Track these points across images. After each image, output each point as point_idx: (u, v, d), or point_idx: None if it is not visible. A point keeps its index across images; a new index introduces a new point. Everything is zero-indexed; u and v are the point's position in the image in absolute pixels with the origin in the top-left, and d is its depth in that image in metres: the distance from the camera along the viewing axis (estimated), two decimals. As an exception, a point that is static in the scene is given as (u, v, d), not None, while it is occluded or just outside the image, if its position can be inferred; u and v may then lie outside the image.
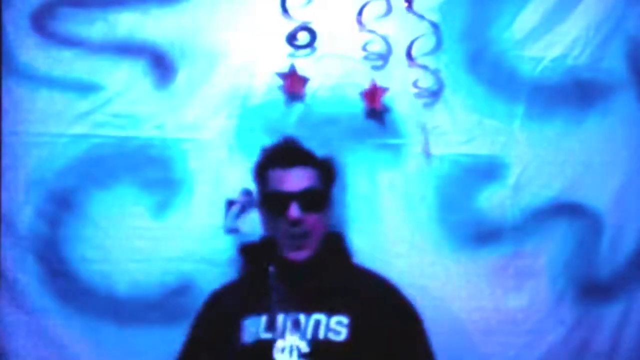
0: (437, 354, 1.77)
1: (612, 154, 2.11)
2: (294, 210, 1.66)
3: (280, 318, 1.66)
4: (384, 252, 2.03)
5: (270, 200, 1.73)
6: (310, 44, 2.06)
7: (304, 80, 2.05)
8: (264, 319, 1.67)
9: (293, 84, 2.05)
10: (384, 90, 2.05)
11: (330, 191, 1.80)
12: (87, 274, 2.01)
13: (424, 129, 2.07)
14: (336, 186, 1.87)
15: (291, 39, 2.05)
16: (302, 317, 1.65)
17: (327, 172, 1.79)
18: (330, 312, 1.65)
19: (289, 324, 1.65)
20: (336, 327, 1.64)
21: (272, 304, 1.67)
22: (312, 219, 1.69)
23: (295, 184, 1.69)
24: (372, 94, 2.05)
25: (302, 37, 2.06)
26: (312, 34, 2.05)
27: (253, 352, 1.64)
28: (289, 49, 2.06)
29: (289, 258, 1.71)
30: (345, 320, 1.64)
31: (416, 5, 2.07)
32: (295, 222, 1.67)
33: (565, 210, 2.09)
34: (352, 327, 1.64)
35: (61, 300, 2.00)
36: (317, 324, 1.64)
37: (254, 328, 1.66)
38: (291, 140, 1.81)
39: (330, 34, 2.06)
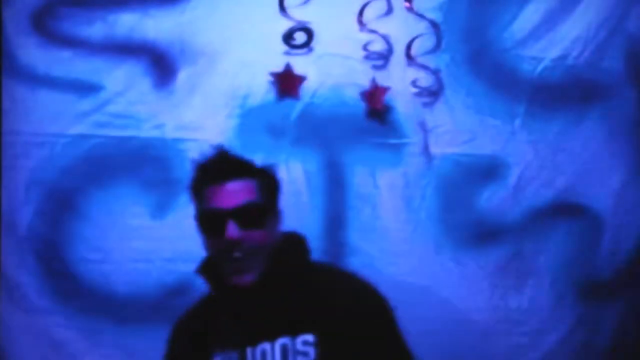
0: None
1: (612, 154, 2.11)
2: (232, 230, 1.44)
3: (249, 353, 1.46)
4: (384, 252, 2.03)
5: (205, 220, 1.50)
6: (307, 43, 2.05)
7: (299, 80, 2.05)
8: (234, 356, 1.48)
9: (287, 83, 2.05)
10: (385, 89, 2.05)
11: (274, 203, 1.55)
12: (87, 274, 2.01)
13: (423, 128, 2.07)
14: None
15: (288, 38, 2.05)
16: (267, 347, 1.45)
17: (267, 182, 1.54)
18: (294, 332, 1.44)
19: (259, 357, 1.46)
20: (303, 348, 1.43)
21: (233, 338, 1.48)
22: (254, 236, 1.46)
23: (231, 200, 1.46)
24: (373, 94, 2.05)
25: (300, 37, 2.05)
26: (309, 33, 2.05)
27: None
28: (289, 49, 2.06)
29: (232, 284, 1.48)
30: (310, 338, 1.43)
31: (416, 5, 2.07)
32: (234, 243, 1.44)
33: (565, 210, 2.09)
34: (319, 345, 1.42)
35: (61, 300, 2.00)
36: (285, 350, 1.44)
37: None
38: (223, 150, 1.57)
39: (330, 33, 2.06)
